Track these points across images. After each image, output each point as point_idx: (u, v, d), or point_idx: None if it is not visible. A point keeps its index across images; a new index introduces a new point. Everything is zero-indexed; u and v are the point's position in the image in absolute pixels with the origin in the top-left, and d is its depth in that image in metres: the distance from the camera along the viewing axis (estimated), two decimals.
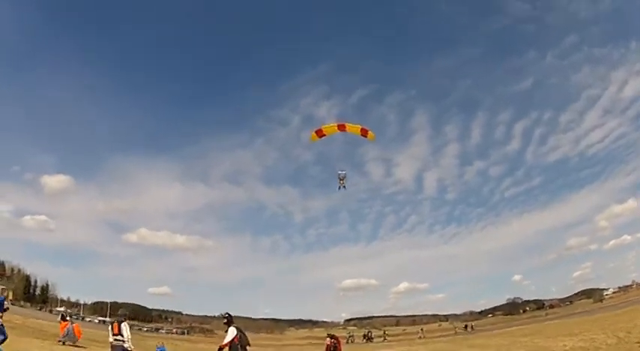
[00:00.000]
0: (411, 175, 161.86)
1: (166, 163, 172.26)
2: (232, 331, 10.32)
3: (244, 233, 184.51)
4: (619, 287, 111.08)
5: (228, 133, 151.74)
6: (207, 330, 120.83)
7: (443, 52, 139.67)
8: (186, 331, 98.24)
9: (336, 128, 17.96)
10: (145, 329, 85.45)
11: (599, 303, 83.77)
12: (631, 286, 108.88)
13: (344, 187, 19.06)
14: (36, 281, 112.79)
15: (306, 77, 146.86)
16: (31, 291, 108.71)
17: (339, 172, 18.76)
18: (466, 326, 61.96)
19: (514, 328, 35.09)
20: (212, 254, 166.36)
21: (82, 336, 21.63)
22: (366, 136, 17.66)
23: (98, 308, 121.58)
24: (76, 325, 22.12)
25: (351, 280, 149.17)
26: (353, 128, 18.16)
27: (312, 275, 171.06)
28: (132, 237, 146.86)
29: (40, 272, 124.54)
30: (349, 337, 53.36)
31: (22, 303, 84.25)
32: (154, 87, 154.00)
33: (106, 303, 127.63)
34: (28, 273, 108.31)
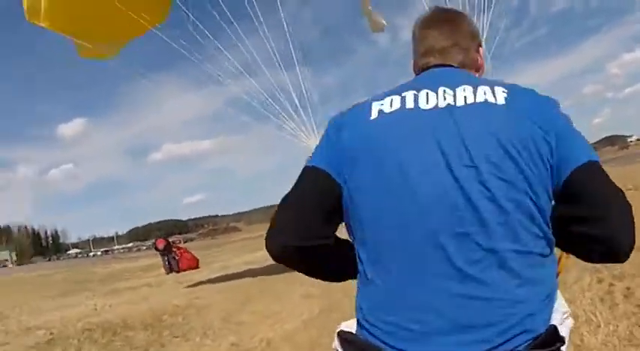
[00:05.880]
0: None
1: (174, 74, 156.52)
2: None
3: (267, 119, 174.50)
4: None
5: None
6: (233, 228, 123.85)
7: None
8: (181, 240, 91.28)
9: None
10: (145, 248, 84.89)
11: (626, 150, 78.89)
12: None
13: None
14: (46, 232, 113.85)
15: None
16: (43, 244, 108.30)
17: None
18: None
19: None
20: (239, 149, 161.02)
21: None
22: None
23: (134, 235, 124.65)
24: None
25: None
26: None
27: None
28: (157, 156, 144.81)
29: (61, 222, 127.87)
30: None
31: (32, 259, 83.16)
32: None
33: (140, 228, 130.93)
34: (36, 228, 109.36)
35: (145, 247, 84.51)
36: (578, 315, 3.39)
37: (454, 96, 0.98)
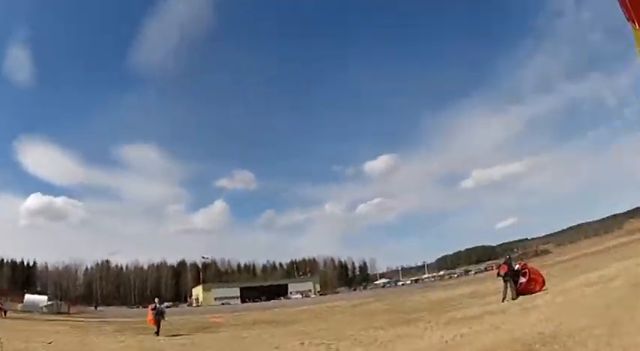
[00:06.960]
0: None
1: (477, 99, 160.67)
2: None
3: (582, 135, 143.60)
4: None
5: None
6: (543, 251, 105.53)
7: None
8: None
9: None
10: (456, 275, 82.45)
11: None
12: None
13: None
14: (353, 264, 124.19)
15: None
16: (350, 275, 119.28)
17: None
18: None
19: None
20: (547, 169, 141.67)
21: None
22: None
23: (442, 263, 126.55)
24: None
25: None
26: None
27: None
28: (467, 183, 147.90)
29: (370, 254, 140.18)
30: None
31: (337, 289, 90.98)
32: None
33: (449, 256, 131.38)
34: (343, 260, 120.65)
35: (456, 275, 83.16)
36: None
37: None
